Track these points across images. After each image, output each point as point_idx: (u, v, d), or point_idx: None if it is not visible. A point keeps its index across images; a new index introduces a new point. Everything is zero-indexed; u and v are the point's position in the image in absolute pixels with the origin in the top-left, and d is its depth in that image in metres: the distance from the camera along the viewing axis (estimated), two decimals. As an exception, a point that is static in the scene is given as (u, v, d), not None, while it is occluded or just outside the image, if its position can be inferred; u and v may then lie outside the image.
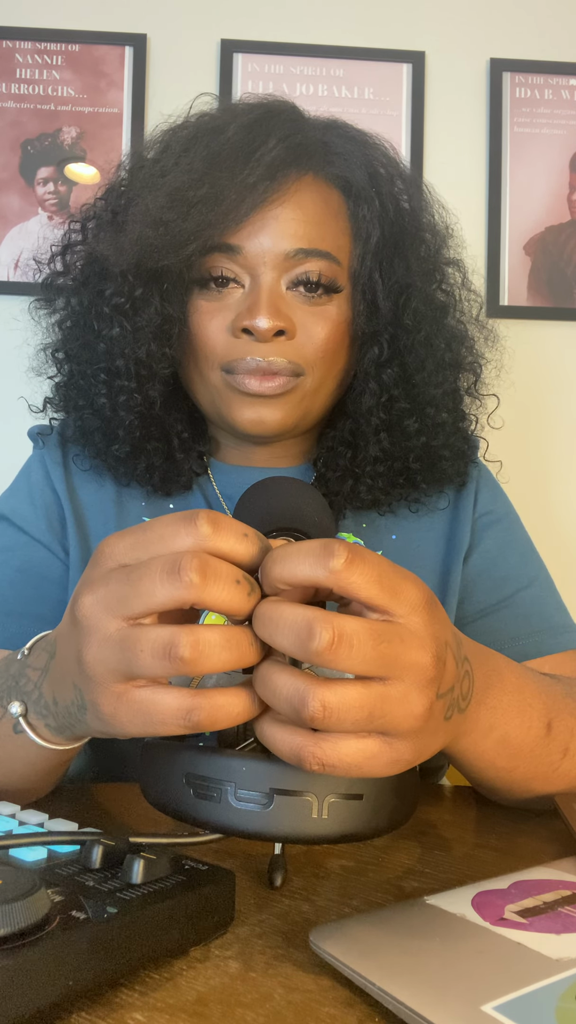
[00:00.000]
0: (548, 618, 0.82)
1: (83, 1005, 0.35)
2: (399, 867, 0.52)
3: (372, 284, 0.77)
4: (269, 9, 1.58)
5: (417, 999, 0.34)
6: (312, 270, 0.74)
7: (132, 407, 0.77)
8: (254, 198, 0.72)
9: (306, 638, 0.37)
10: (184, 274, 0.75)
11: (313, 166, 0.77)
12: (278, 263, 0.74)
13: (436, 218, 0.84)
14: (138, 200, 0.75)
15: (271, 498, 0.62)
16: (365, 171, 0.78)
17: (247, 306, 0.73)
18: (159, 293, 0.74)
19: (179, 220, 0.71)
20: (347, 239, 0.77)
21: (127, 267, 0.74)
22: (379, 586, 0.38)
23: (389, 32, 1.59)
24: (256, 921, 0.44)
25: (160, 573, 0.38)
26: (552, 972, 0.36)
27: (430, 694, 0.40)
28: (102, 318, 0.76)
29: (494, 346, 0.86)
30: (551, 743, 0.57)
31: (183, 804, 0.44)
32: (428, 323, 0.79)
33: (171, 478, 0.82)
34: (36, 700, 0.50)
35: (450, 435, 0.82)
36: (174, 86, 1.56)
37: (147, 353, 0.75)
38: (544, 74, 1.61)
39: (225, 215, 0.72)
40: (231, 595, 0.39)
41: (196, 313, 0.76)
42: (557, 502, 1.60)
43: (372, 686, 0.38)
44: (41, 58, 1.56)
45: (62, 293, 0.81)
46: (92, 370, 0.78)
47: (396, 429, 0.80)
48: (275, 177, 0.73)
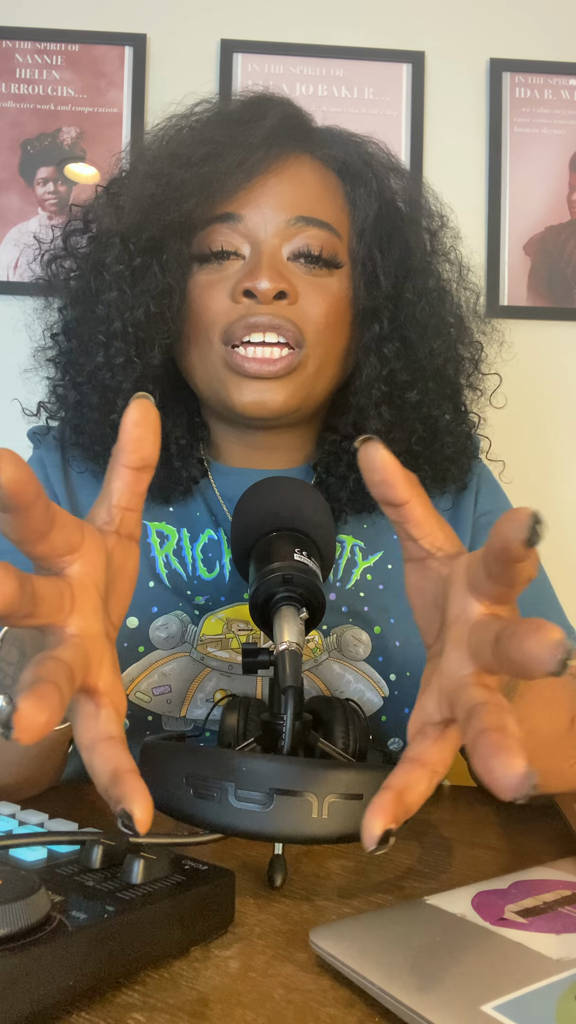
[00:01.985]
0: (546, 619, 0.82)
1: (83, 1005, 0.35)
2: (399, 867, 0.52)
3: (372, 260, 0.78)
4: (269, 9, 1.58)
5: (417, 999, 0.34)
6: (313, 242, 0.75)
7: (130, 374, 0.76)
8: (254, 162, 0.74)
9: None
10: (184, 250, 0.75)
11: (310, 147, 0.79)
12: (279, 231, 0.75)
13: (432, 207, 0.85)
14: (138, 167, 0.77)
15: (271, 498, 0.62)
16: (360, 157, 0.81)
17: (248, 270, 0.74)
18: (159, 263, 0.75)
19: (180, 173, 0.73)
20: (345, 216, 0.79)
21: (127, 231, 0.74)
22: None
23: (389, 32, 1.59)
24: (256, 921, 0.44)
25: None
26: (552, 972, 0.36)
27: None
28: (102, 284, 0.76)
29: (491, 335, 0.87)
30: (572, 738, 0.56)
31: (183, 804, 0.44)
32: (428, 297, 0.80)
33: (168, 485, 0.82)
34: None
35: (452, 422, 0.82)
36: (174, 86, 1.56)
37: (145, 315, 0.75)
38: (544, 74, 1.61)
39: (226, 173, 0.73)
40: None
41: (197, 287, 0.76)
42: (557, 502, 1.60)
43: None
44: (41, 58, 1.56)
45: (63, 274, 0.82)
46: (90, 333, 0.77)
47: (397, 402, 0.80)
48: (274, 146, 0.75)
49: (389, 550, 0.83)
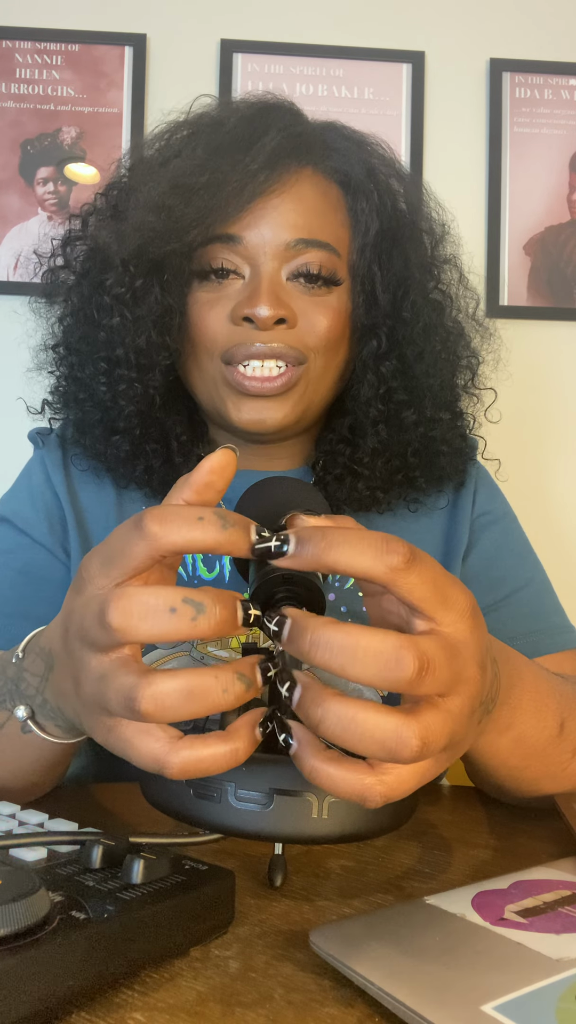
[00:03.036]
0: (545, 618, 0.82)
1: (83, 1005, 0.35)
2: (399, 867, 0.52)
3: (371, 276, 0.77)
4: (269, 9, 1.58)
5: (417, 999, 0.34)
6: (312, 261, 0.75)
7: (132, 397, 0.77)
8: (255, 186, 0.73)
9: (395, 668, 0.34)
10: (184, 266, 0.75)
11: (312, 160, 0.77)
12: (278, 253, 0.74)
13: (434, 215, 0.84)
14: (139, 190, 0.75)
15: (270, 498, 0.62)
16: (363, 167, 0.79)
17: (247, 295, 0.74)
18: (159, 284, 0.75)
19: (181, 206, 0.72)
20: (346, 232, 0.78)
21: (128, 255, 0.74)
22: (433, 590, 0.36)
23: (389, 32, 1.59)
24: (256, 921, 0.44)
25: (95, 617, 0.36)
26: (552, 972, 0.36)
27: (476, 704, 0.39)
28: (102, 308, 0.76)
29: (491, 343, 0.87)
30: (562, 743, 0.56)
31: (183, 804, 0.44)
32: (426, 315, 0.79)
33: (170, 481, 0.82)
34: (41, 705, 0.50)
35: (447, 430, 0.82)
36: (174, 86, 1.56)
37: (147, 342, 0.75)
38: (544, 74, 1.61)
39: (226, 202, 0.72)
40: (164, 629, 0.35)
41: (196, 304, 0.76)
42: (555, 501, 1.60)
43: (443, 706, 0.36)
44: (41, 58, 1.56)
45: (62, 287, 0.82)
46: (92, 359, 0.77)
47: (394, 420, 0.80)
48: (275, 167, 0.74)
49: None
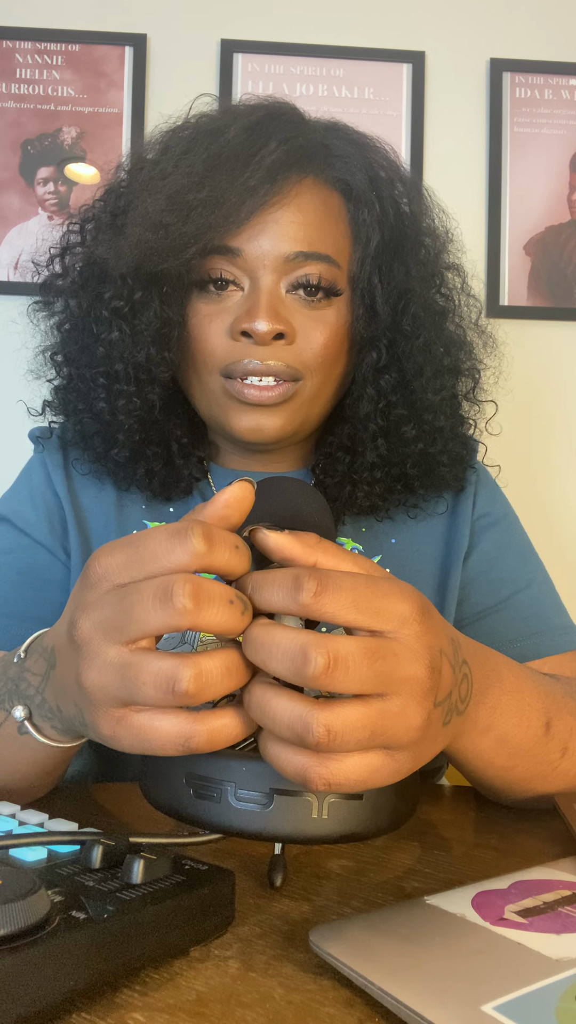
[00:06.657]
0: (547, 619, 0.82)
1: (83, 1005, 0.35)
2: (399, 867, 0.52)
3: (371, 288, 0.77)
4: (269, 9, 1.58)
5: (417, 999, 0.34)
6: (312, 273, 0.74)
7: (131, 411, 0.77)
8: (254, 201, 0.72)
9: (301, 664, 0.36)
10: (183, 277, 0.74)
11: (313, 169, 0.76)
12: (278, 266, 0.74)
13: (436, 222, 0.83)
14: (137, 202, 0.74)
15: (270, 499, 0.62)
16: (365, 174, 0.78)
17: (246, 309, 0.73)
18: (158, 296, 0.74)
19: (179, 223, 0.71)
20: (347, 242, 0.77)
21: (126, 270, 0.73)
22: (355, 610, 0.38)
23: (389, 32, 1.59)
24: (256, 921, 0.44)
25: (153, 599, 0.37)
26: (552, 972, 0.36)
27: (427, 705, 0.39)
28: (101, 322, 0.76)
29: (493, 351, 0.86)
30: (550, 742, 0.57)
31: (183, 804, 0.44)
32: (427, 329, 0.79)
33: (171, 484, 0.82)
34: (39, 705, 0.50)
35: (448, 441, 0.82)
36: (174, 86, 1.56)
37: (146, 357, 0.75)
38: (544, 74, 1.61)
39: (225, 218, 0.72)
40: (225, 617, 0.38)
41: (195, 316, 0.76)
42: (556, 503, 1.60)
43: (371, 704, 0.38)
44: (41, 58, 1.56)
45: (61, 296, 0.81)
46: (91, 374, 0.77)
47: (394, 435, 0.80)
48: (275, 180, 0.73)
49: (387, 554, 0.84)
